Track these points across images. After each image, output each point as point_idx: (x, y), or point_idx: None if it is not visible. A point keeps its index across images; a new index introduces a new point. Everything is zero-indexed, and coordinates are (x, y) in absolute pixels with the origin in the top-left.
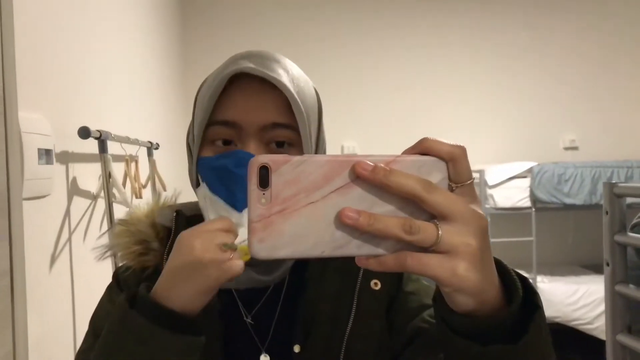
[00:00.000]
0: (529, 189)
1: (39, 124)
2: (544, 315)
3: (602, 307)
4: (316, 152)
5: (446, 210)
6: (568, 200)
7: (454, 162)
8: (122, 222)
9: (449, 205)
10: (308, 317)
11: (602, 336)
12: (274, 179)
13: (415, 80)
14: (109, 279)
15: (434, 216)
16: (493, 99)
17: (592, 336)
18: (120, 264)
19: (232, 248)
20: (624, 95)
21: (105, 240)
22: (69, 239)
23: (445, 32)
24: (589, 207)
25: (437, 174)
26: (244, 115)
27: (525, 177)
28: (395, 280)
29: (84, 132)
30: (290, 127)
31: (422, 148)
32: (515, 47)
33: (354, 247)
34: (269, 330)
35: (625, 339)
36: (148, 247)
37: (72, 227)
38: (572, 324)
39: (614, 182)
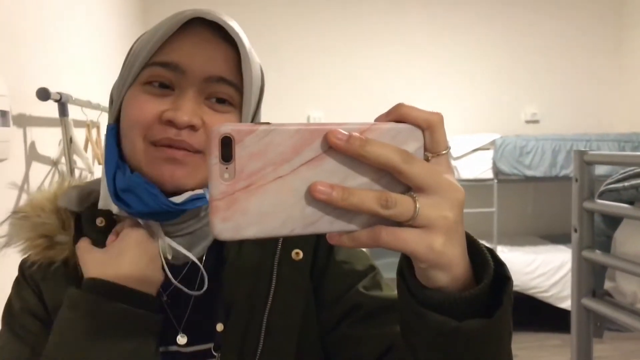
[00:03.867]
0: (491, 160)
1: None
2: (512, 287)
3: (557, 276)
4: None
5: (424, 182)
6: (529, 172)
7: (431, 130)
8: (21, 211)
9: (427, 177)
10: (228, 293)
11: (556, 303)
12: (238, 151)
13: (381, 51)
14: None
15: (409, 188)
16: (458, 71)
17: (547, 303)
18: (23, 257)
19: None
20: (583, 70)
21: (4, 229)
22: None
23: (412, 4)
24: (548, 179)
25: (413, 142)
26: (190, 60)
27: (488, 149)
28: (323, 248)
29: (43, 94)
30: (235, 86)
31: (398, 115)
32: (478, 21)
33: (326, 223)
34: (187, 308)
35: (590, 303)
36: (53, 241)
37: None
38: (529, 292)
39: (584, 150)
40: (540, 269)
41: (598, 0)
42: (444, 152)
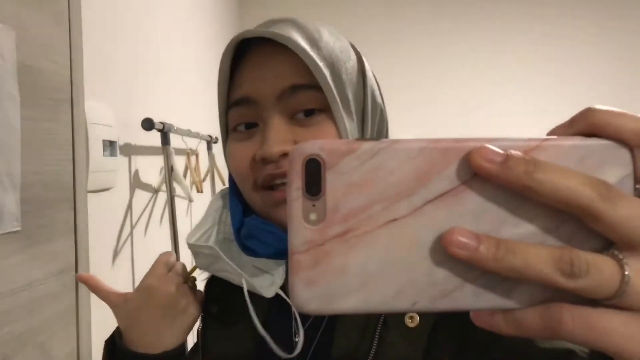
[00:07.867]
0: None
1: (104, 114)
2: None
3: None
4: (363, 128)
5: (637, 233)
6: None
7: None
8: None
9: None
10: (335, 349)
11: None
12: (330, 180)
13: (477, 71)
14: None
15: (609, 243)
16: (561, 94)
17: None
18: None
19: (194, 282)
20: None
21: None
22: (131, 233)
23: (511, 25)
24: None
25: (615, 169)
26: (258, 85)
27: None
28: (456, 316)
29: (148, 124)
30: (315, 87)
31: (588, 125)
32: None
33: (467, 296)
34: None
35: None
36: None
37: (134, 220)
38: None
39: None
40: None
41: None
42: None
